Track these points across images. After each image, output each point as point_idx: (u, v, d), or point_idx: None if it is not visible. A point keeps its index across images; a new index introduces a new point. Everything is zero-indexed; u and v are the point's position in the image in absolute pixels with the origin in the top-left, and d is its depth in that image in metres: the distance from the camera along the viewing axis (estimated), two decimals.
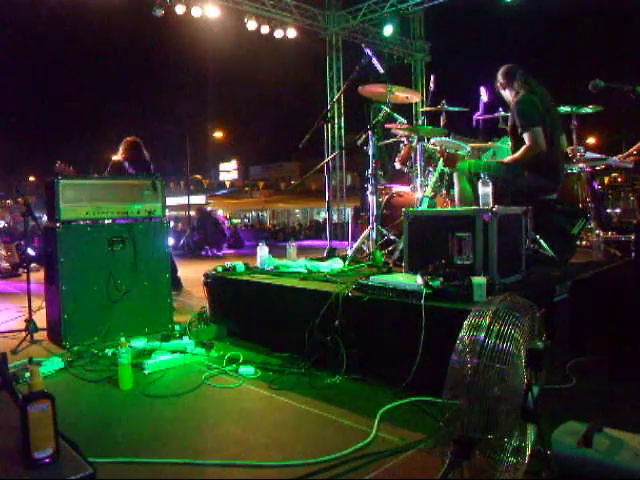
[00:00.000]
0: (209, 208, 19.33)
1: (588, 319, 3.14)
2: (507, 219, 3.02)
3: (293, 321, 3.24)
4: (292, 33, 13.34)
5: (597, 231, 4.48)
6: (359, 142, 4.46)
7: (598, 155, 5.09)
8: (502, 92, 3.90)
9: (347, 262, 3.96)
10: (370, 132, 4.23)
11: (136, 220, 3.94)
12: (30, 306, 3.88)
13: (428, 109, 5.28)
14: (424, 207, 4.12)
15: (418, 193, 4.38)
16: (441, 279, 2.67)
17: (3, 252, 8.62)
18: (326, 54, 15.39)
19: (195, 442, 2.17)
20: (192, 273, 6.42)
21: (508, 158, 3.77)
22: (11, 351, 3.43)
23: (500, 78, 3.86)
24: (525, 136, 3.54)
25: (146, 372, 2.98)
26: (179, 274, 6.08)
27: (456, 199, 3.79)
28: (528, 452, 1.66)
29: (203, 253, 12.17)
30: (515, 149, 3.79)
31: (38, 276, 4.63)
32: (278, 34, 13.15)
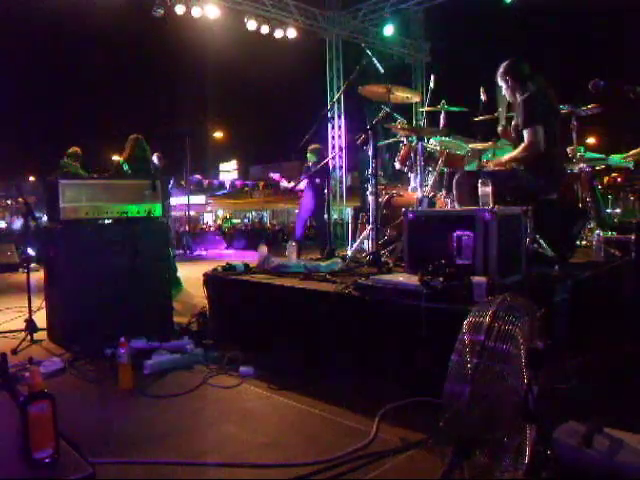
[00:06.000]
0: (209, 208, 19.33)
1: (588, 319, 3.14)
2: (507, 219, 3.02)
3: (293, 321, 3.24)
4: (292, 33, 13.32)
5: (597, 231, 4.47)
6: (359, 142, 4.45)
7: (598, 155, 5.09)
8: (504, 85, 3.79)
9: (347, 262, 3.96)
10: (370, 132, 4.23)
11: (136, 220, 3.94)
12: (30, 306, 3.87)
13: (428, 109, 5.28)
14: (424, 207, 4.12)
15: (418, 193, 4.38)
16: (441, 279, 2.67)
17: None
18: (326, 54, 15.38)
19: (195, 442, 2.17)
20: (192, 273, 6.42)
21: (507, 156, 3.76)
22: (11, 351, 3.43)
23: (505, 72, 3.73)
24: (525, 133, 3.52)
25: (146, 372, 2.98)
26: (179, 274, 6.08)
27: (456, 201, 3.79)
28: (528, 452, 1.66)
29: (203, 253, 12.19)
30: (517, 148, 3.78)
31: (38, 276, 4.62)
32: (278, 34, 13.14)
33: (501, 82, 3.81)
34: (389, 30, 13.83)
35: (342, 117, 14.95)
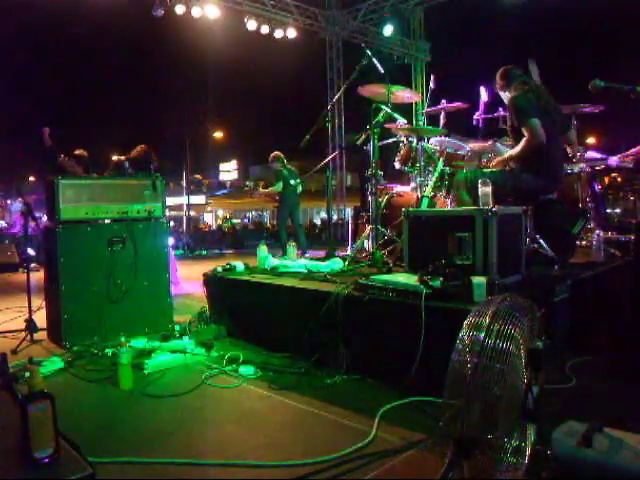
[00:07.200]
0: (209, 208, 19.34)
1: (588, 319, 3.14)
2: (507, 219, 3.02)
3: (293, 321, 3.24)
4: (292, 33, 13.33)
5: (597, 231, 4.47)
6: (359, 142, 4.45)
7: (598, 155, 5.08)
8: (501, 93, 3.91)
9: (347, 262, 3.96)
10: (370, 132, 4.23)
11: (136, 220, 3.94)
12: (30, 306, 3.87)
13: (428, 109, 5.28)
14: (424, 207, 4.12)
15: (418, 193, 4.37)
16: (441, 279, 2.67)
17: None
18: (326, 54, 15.40)
19: (195, 442, 2.17)
20: (192, 273, 6.42)
21: (508, 153, 3.75)
22: (11, 351, 3.43)
23: (498, 80, 3.85)
24: (523, 129, 3.54)
25: (146, 372, 2.98)
26: (179, 274, 6.08)
27: (453, 202, 3.80)
28: (528, 452, 1.66)
29: (203, 253, 12.21)
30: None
31: (38, 276, 4.62)
32: (278, 34, 13.14)
33: (497, 89, 3.91)
34: (389, 30, 13.84)
35: (342, 117, 14.97)
